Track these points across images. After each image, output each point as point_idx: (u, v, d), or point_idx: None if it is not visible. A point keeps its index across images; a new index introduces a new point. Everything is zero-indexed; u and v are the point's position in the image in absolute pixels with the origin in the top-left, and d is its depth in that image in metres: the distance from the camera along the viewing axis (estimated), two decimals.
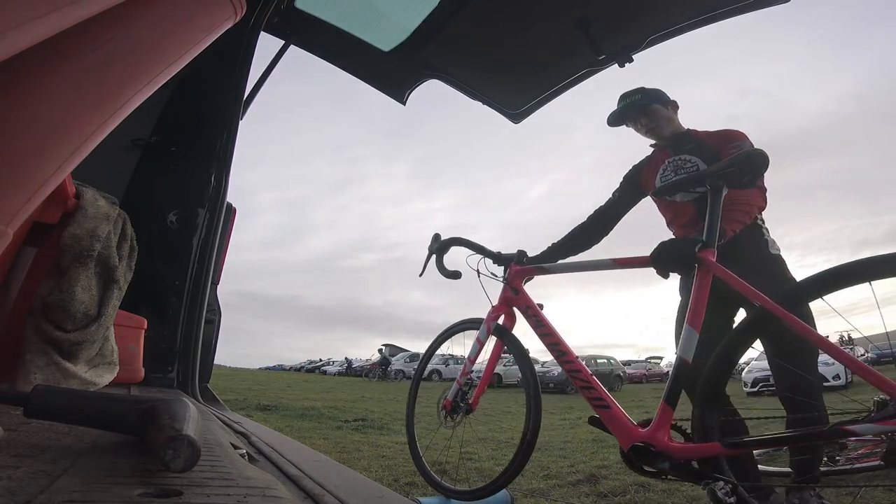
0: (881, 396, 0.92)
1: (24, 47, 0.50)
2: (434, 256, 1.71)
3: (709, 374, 1.08)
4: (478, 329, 1.57)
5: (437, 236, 1.74)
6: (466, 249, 1.66)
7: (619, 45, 2.02)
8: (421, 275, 1.73)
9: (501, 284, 1.57)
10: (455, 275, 1.66)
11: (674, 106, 1.75)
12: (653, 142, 1.77)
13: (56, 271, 1.23)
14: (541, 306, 1.48)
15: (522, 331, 1.52)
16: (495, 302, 1.56)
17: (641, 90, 1.74)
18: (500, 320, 1.55)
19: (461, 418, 1.56)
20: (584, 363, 1.34)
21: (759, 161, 1.20)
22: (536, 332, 1.43)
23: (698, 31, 1.94)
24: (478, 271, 1.62)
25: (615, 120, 1.79)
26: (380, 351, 21.02)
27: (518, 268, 1.55)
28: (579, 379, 1.29)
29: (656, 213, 1.78)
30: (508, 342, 1.54)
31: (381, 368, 20.48)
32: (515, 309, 1.54)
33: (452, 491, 1.55)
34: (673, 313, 1.59)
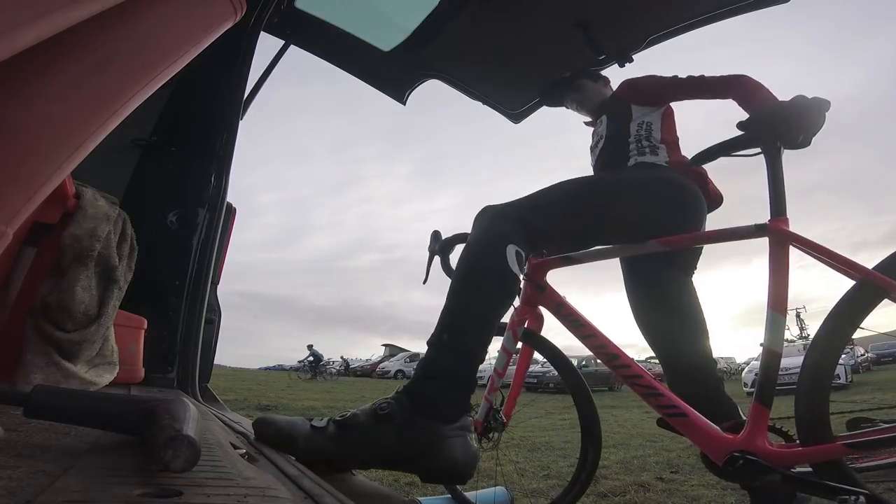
0: None
1: (24, 47, 0.51)
2: (438, 259, 1.53)
3: (814, 363, 0.93)
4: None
5: (436, 234, 1.56)
6: None
7: (619, 45, 2.02)
8: (425, 282, 1.54)
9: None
10: None
11: (604, 81, 1.74)
12: (587, 119, 1.71)
13: (56, 271, 1.23)
14: None
15: (557, 331, 1.34)
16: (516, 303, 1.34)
17: (572, 70, 1.77)
18: (526, 323, 1.35)
19: (499, 438, 1.38)
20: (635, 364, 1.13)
21: (816, 116, 1.00)
22: (576, 335, 1.20)
23: (698, 31, 1.94)
24: None
25: (548, 96, 1.83)
26: (309, 348, 20.18)
27: (538, 260, 1.29)
28: (641, 385, 1.09)
29: None
30: (541, 348, 1.37)
31: (312, 366, 19.59)
32: (542, 309, 1.33)
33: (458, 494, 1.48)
34: None
